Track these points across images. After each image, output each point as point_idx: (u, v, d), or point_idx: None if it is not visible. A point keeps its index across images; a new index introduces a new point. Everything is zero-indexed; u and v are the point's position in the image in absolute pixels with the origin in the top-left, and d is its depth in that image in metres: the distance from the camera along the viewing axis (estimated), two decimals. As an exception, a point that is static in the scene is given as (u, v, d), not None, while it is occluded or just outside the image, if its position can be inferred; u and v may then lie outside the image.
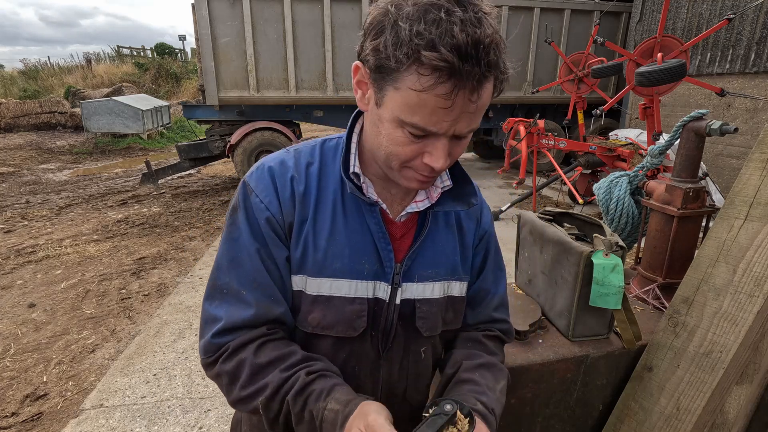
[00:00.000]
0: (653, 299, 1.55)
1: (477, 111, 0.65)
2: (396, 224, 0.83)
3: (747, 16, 5.93)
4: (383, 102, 0.67)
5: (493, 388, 0.85)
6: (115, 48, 23.32)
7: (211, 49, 6.73)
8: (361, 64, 0.69)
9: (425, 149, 0.68)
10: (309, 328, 0.80)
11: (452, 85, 0.60)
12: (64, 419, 2.42)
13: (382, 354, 0.85)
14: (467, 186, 0.86)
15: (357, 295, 0.79)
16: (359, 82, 0.71)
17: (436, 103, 0.61)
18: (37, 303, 3.73)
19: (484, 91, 0.63)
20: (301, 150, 0.84)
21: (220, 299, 0.77)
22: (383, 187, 0.83)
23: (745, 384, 1.26)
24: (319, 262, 0.78)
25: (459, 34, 0.57)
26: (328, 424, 0.69)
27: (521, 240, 1.57)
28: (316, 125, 8.64)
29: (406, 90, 0.62)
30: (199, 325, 0.81)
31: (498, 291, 0.97)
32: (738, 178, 1.26)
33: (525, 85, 8.33)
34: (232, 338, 0.75)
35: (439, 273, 0.85)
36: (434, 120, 0.64)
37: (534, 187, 5.73)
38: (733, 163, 6.27)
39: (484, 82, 0.62)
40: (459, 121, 0.65)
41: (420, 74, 0.60)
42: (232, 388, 0.75)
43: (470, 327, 0.97)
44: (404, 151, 0.69)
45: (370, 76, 0.67)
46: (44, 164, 10.89)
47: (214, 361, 0.76)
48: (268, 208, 0.77)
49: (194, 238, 5.41)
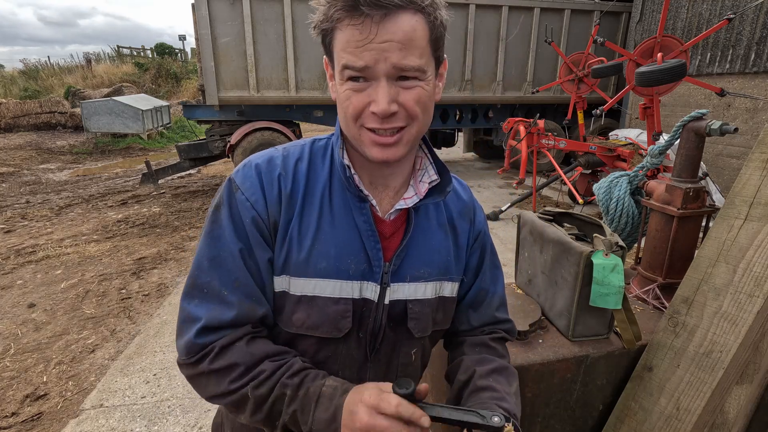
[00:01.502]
0: (653, 299, 1.55)
1: (406, 44, 0.66)
2: (386, 222, 0.82)
3: (747, 16, 5.93)
4: (334, 68, 0.72)
5: (510, 393, 0.85)
6: (115, 48, 23.33)
7: (211, 49, 6.73)
8: (325, 56, 0.76)
9: (370, 98, 0.69)
10: (293, 328, 0.79)
11: (359, 12, 0.64)
12: (64, 419, 2.42)
13: (370, 356, 0.83)
14: (445, 176, 0.85)
15: (341, 296, 0.78)
16: (330, 75, 0.76)
17: (351, 35, 0.66)
18: (37, 303, 3.73)
19: (402, 21, 0.66)
20: (290, 148, 0.83)
21: (200, 298, 0.75)
22: (371, 184, 0.82)
23: (745, 384, 1.26)
24: (304, 261, 0.76)
25: None
26: (325, 398, 0.69)
27: (521, 240, 1.57)
28: (316, 125, 8.63)
29: (337, 38, 0.69)
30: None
31: (497, 290, 0.97)
32: (738, 178, 1.26)
33: (525, 85, 8.33)
34: (217, 337, 0.73)
35: (431, 273, 0.84)
36: (357, 54, 0.66)
37: (534, 187, 5.73)
38: (733, 163, 6.27)
39: (398, 11, 0.65)
40: (385, 54, 0.66)
41: (341, 14, 0.66)
42: (220, 382, 0.73)
43: (475, 330, 0.96)
44: (352, 104, 0.70)
45: (326, 57, 0.74)
46: (44, 164, 10.89)
47: (198, 361, 0.73)
48: (254, 206, 0.75)
49: (194, 238, 5.41)
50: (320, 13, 0.69)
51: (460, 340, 0.97)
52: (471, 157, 11.42)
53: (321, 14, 0.69)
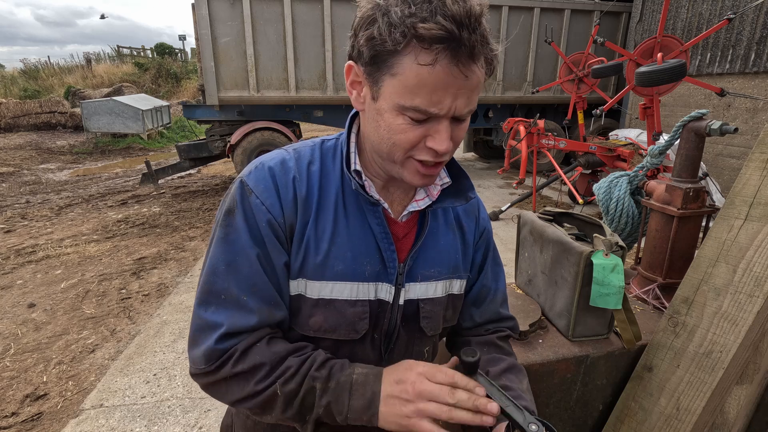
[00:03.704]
0: (653, 299, 1.55)
1: (474, 89, 0.66)
2: (398, 224, 0.83)
3: (747, 16, 5.93)
4: (380, 93, 0.67)
5: (524, 390, 0.86)
6: (115, 48, 23.35)
7: (211, 49, 6.73)
8: (354, 62, 0.70)
9: (428, 133, 0.68)
10: (311, 331, 0.79)
11: (451, 55, 0.61)
12: (64, 419, 2.42)
13: (384, 356, 0.84)
14: (464, 181, 0.86)
15: (358, 298, 0.78)
16: (353, 82, 0.72)
17: (435, 79, 0.62)
18: (37, 303, 3.73)
19: (480, 63, 0.64)
20: (301, 150, 0.82)
21: (216, 305, 0.73)
22: (384, 188, 0.83)
23: (745, 384, 1.26)
24: (321, 264, 0.76)
25: (452, 6, 0.59)
26: (359, 386, 0.71)
27: (521, 240, 1.57)
28: (316, 125, 8.64)
29: (404, 72, 0.63)
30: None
31: (499, 287, 0.98)
32: (738, 178, 1.26)
33: (525, 85, 8.33)
34: (238, 341, 0.72)
35: (441, 272, 0.85)
36: (435, 100, 0.64)
37: (534, 187, 5.73)
38: (733, 163, 6.27)
39: (479, 55, 0.63)
40: (458, 98, 0.65)
41: (420, 50, 0.61)
42: (245, 385, 0.71)
43: (479, 326, 0.97)
44: (407, 138, 0.68)
45: (365, 71, 0.68)
46: (44, 164, 10.89)
47: (219, 367, 0.72)
48: (270, 210, 0.74)
49: (194, 238, 5.41)
50: (391, 24, 0.61)
51: (465, 339, 0.97)
52: (471, 157, 11.42)
53: (394, 26, 0.61)
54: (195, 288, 3.95)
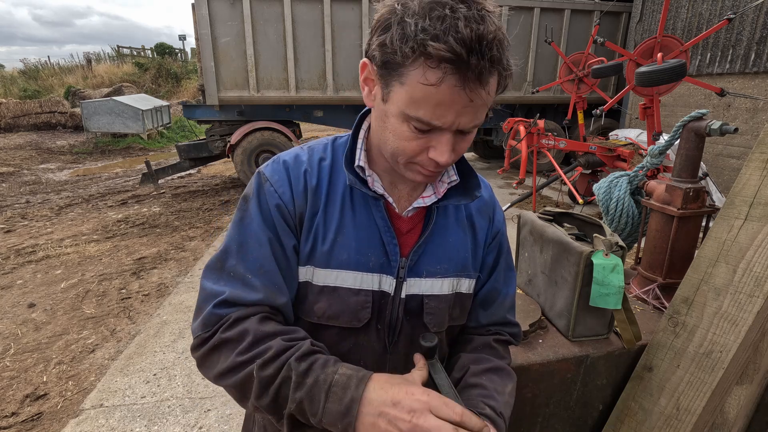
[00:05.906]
0: (653, 299, 1.55)
1: (481, 106, 0.66)
2: (403, 219, 0.84)
3: (747, 16, 5.93)
4: (389, 97, 0.68)
5: (501, 392, 0.85)
6: (115, 48, 23.35)
7: (211, 49, 6.73)
8: (369, 60, 0.71)
9: (430, 144, 0.69)
10: (315, 318, 0.81)
11: (457, 78, 0.61)
12: (64, 419, 2.42)
13: (389, 347, 0.85)
14: (472, 179, 0.87)
15: (362, 287, 0.80)
16: (366, 79, 0.73)
17: (440, 96, 0.63)
18: (37, 303, 3.73)
19: (488, 87, 0.64)
20: (314, 147, 0.87)
21: (223, 279, 0.76)
22: (391, 182, 0.85)
23: (745, 384, 1.26)
24: (327, 253, 0.79)
25: (464, 29, 0.59)
26: (338, 388, 0.65)
27: (521, 240, 1.57)
28: (316, 125, 8.64)
29: (412, 84, 0.63)
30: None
31: (509, 291, 0.98)
32: (738, 178, 1.26)
33: (525, 85, 8.33)
34: (234, 310, 0.74)
35: (448, 269, 0.86)
36: (438, 114, 0.65)
37: (534, 187, 5.73)
38: (733, 163, 6.27)
39: (488, 77, 0.63)
40: (463, 116, 0.65)
41: (427, 67, 0.61)
42: (228, 355, 0.70)
43: (482, 327, 0.97)
44: (410, 146, 0.70)
45: (377, 72, 0.69)
46: (44, 164, 10.89)
47: (213, 334, 0.72)
48: (281, 197, 0.79)
49: (194, 238, 5.41)
50: (404, 36, 0.61)
51: (465, 338, 0.97)
52: (471, 157, 11.42)
53: (406, 39, 0.61)
54: (195, 288, 3.96)
